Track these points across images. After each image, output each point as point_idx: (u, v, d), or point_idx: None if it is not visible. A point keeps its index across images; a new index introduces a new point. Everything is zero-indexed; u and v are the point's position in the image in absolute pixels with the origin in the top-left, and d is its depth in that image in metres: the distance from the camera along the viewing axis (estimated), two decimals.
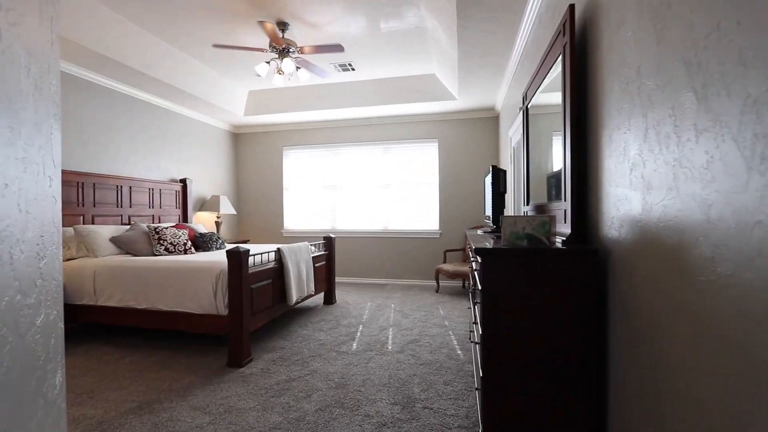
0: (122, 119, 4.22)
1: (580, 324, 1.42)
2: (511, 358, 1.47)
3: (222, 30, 3.61)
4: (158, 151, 4.71)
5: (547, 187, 2.43)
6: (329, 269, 4.47)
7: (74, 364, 2.70)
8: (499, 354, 1.48)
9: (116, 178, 4.02)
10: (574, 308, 1.43)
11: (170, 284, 2.92)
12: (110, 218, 3.96)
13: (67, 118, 3.63)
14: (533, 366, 1.45)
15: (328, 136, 6.00)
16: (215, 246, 4.01)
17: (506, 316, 1.49)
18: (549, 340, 1.44)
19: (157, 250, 3.49)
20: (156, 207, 4.55)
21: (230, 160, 6.15)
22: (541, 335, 1.45)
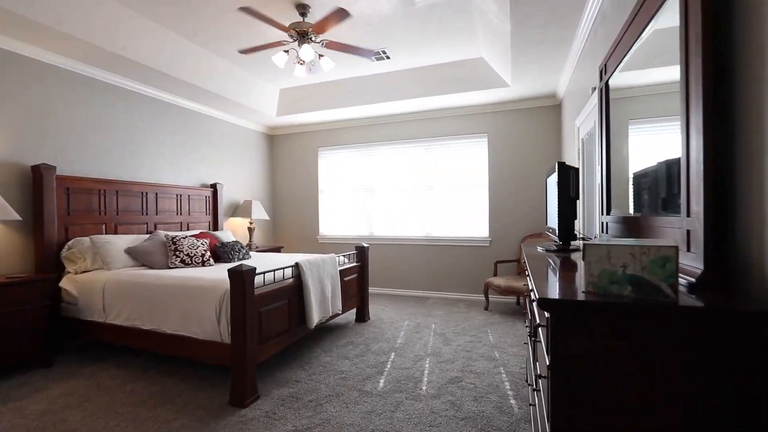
0: (148, 123, 4.06)
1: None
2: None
3: (243, 19, 3.26)
4: (187, 156, 4.53)
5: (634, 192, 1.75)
6: (362, 283, 3.99)
7: (74, 389, 2.46)
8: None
9: (141, 184, 3.85)
10: (723, 413, 0.79)
11: (175, 304, 2.59)
12: (135, 226, 3.79)
13: (88, 124, 3.49)
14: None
15: (363, 135, 5.53)
16: (237, 256, 3.69)
17: (592, 413, 0.88)
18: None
19: (172, 263, 3.22)
20: (185, 214, 4.36)
21: (265, 163, 5.91)
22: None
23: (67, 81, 3.33)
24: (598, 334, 0.88)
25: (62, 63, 3.26)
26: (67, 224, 3.23)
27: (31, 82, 3.08)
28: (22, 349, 2.69)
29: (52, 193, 3.08)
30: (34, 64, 3.10)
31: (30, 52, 3.04)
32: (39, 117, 3.13)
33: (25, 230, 3.04)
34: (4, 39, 2.87)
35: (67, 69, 3.31)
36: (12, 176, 2.97)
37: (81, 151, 3.43)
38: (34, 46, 3.03)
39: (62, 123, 3.29)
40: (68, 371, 2.76)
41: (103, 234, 3.48)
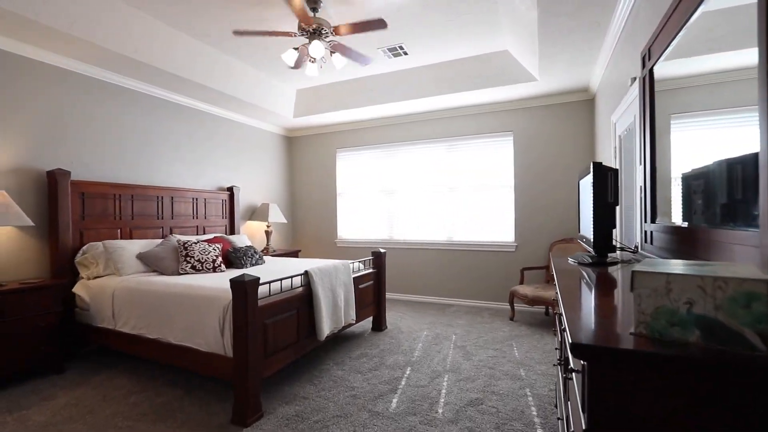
0: (165, 126, 4.04)
1: None
2: None
3: (251, 16, 3.16)
4: (205, 159, 4.50)
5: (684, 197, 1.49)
6: (378, 291, 3.81)
7: (79, 399, 2.40)
8: None
9: (156, 188, 3.82)
10: None
11: (180, 313, 2.50)
12: (150, 231, 3.77)
13: (104, 128, 3.48)
14: None
15: (382, 135, 5.35)
16: (250, 262, 3.60)
17: None
18: None
19: (183, 269, 3.15)
20: (201, 217, 4.32)
21: (283, 165, 5.84)
22: None
23: (83, 85, 3.33)
24: (651, 396, 0.66)
25: (77, 67, 3.26)
26: (81, 229, 3.22)
27: (46, 87, 3.09)
28: (35, 355, 2.68)
29: (66, 198, 3.07)
30: (49, 69, 3.11)
31: (44, 57, 3.05)
32: (54, 122, 3.14)
33: (40, 235, 3.04)
34: (18, 44, 2.88)
35: (81, 73, 3.31)
36: (28, 182, 2.98)
37: (96, 156, 3.43)
38: (48, 51, 3.04)
39: (78, 128, 3.30)
40: (78, 379, 2.72)
41: (118, 239, 3.47)
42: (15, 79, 2.91)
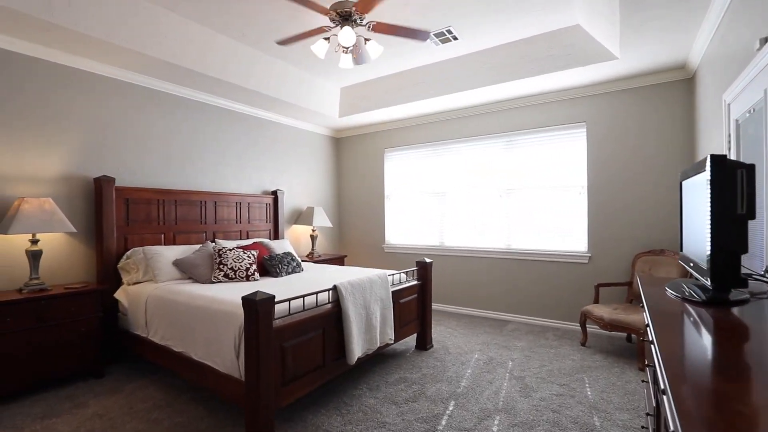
0: (210, 131, 4.04)
1: None
2: None
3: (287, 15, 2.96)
4: (249, 163, 4.45)
5: None
6: (423, 305, 3.41)
7: (107, 410, 2.35)
8: None
9: (200, 193, 3.81)
10: None
11: (201, 327, 2.34)
12: (193, 236, 3.76)
13: (149, 135, 3.52)
14: None
15: (433, 132, 4.93)
16: (286, 270, 3.41)
17: None
18: None
19: (216, 277, 3.04)
20: (244, 222, 4.27)
21: (330, 167, 5.67)
22: None
23: (128, 93, 3.39)
24: None
25: (122, 76, 3.32)
26: (126, 234, 3.26)
27: (93, 96, 3.17)
28: (77, 359, 2.71)
29: (111, 204, 3.12)
30: (97, 79, 3.19)
31: (92, 67, 3.13)
32: (101, 130, 3.22)
33: (87, 241, 3.12)
34: (66, 56, 2.96)
35: (127, 81, 3.37)
36: (77, 188, 3.07)
37: (141, 162, 3.47)
38: (94, 61, 3.10)
39: (123, 135, 3.35)
40: (113, 385, 2.71)
41: (162, 244, 3.49)
42: (64, 89, 3.00)
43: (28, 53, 2.80)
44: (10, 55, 2.74)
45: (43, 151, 2.89)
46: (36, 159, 2.86)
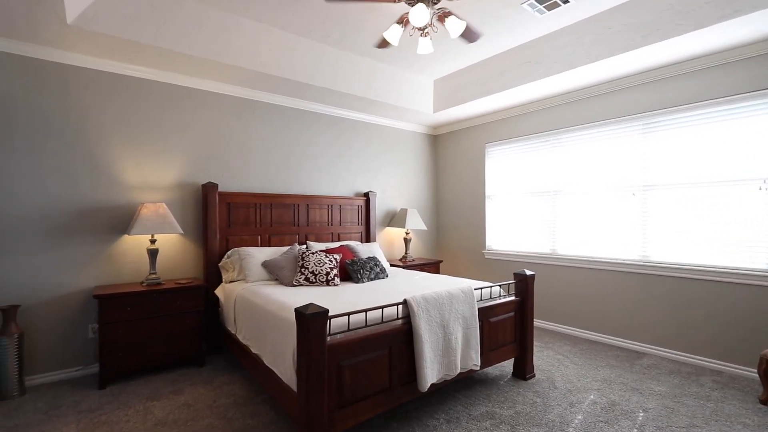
0: (304, 136, 4.16)
1: None
2: None
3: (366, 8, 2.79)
4: (341, 165, 4.46)
5: None
6: (522, 326, 2.87)
7: (196, 400, 2.50)
8: None
9: (293, 196, 3.95)
10: None
11: (270, 333, 2.31)
12: (287, 237, 3.91)
13: (249, 142, 3.77)
14: None
15: (543, 121, 4.21)
16: (368, 276, 3.25)
17: None
18: None
19: (297, 280, 3.05)
20: (336, 224, 4.29)
21: (425, 167, 5.37)
22: None
23: (229, 106, 3.67)
24: None
25: (222, 89, 3.61)
26: (227, 236, 3.54)
27: (200, 111, 3.51)
28: (183, 348, 3.01)
29: (215, 207, 3.41)
30: (201, 95, 3.52)
31: (195, 83, 3.46)
32: (207, 141, 3.55)
33: (196, 241, 3.47)
34: (176, 76, 3.33)
35: (227, 95, 3.65)
36: (188, 194, 3.44)
37: (242, 168, 3.74)
38: (197, 78, 3.43)
39: (226, 144, 3.65)
40: (208, 377, 2.92)
41: (258, 245, 3.70)
42: (177, 106, 3.39)
43: (143, 76, 3.23)
44: (128, 80, 3.19)
45: (160, 162, 3.31)
46: (154, 170, 3.28)
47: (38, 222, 2.81)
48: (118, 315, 2.75)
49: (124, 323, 2.78)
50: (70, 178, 2.93)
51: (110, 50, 2.85)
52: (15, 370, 2.59)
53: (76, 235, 2.94)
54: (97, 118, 3.03)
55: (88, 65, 2.98)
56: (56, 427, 2.23)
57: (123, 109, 3.13)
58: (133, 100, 3.17)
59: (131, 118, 3.17)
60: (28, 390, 2.70)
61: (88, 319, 2.97)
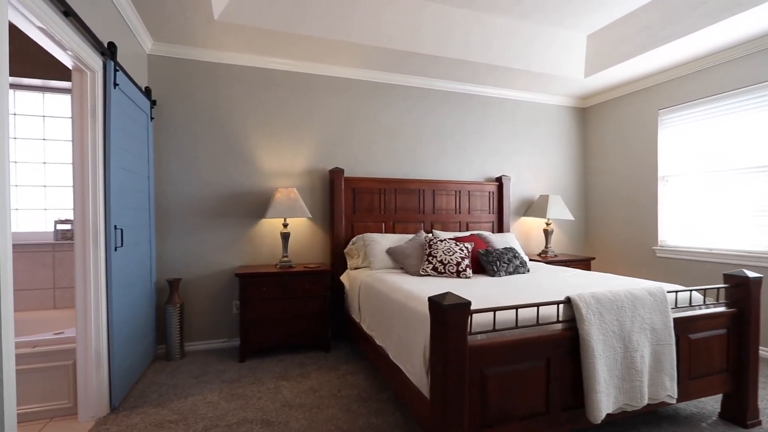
0: (431, 118, 3.85)
1: None
2: None
3: None
4: (471, 147, 4.01)
5: None
6: (740, 347, 2.01)
7: (321, 385, 2.41)
8: None
9: (417, 181, 3.67)
10: None
11: (395, 325, 2.05)
12: (411, 225, 3.66)
13: (375, 126, 3.63)
14: None
15: (748, 71, 3.03)
16: (505, 269, 2.75)
17: None
18: None
19: (424, 269, 2.74)
20: (464, 212, 3.87)
21: (571, 146, 4.51)
22: None
23: (356, 90, 3.58)
24: None
25: (348, 74, 3.53)
26: (352, 222, 3.46)
27: (329, 98, 3.50)
28: (310, 331, 3.01)
29: (341, 193, 3.36)
30: (329, 82, 3.50)
31: (323, 70, 3.45)
32: (335, 126, 3.52)
33: (324, 226, 3.48)
34: (304, 64, 3.36)
35: (354, 79, 3.56)
36: (317, 180, 3.46)
37: (367, 154, 3.62)
38: (324, 64, 3.40)
39: (352, 129, 3.57)
40: (333, 363, 2.83)
41: (382, 232, 3.53)
42: (307, 95, 3.43)
43: (278, 68, 3.33)
44: (266, 73, 3.32)
45: (292, 150, 3.39)
46: (287, 157, 3.38)
47: (195, 206, 3.13)
48: (255, 293, 2.87)
49: (260, 302, 2.88)
50: (220, 167, 3.19)
51: (250, 43, 2.99)
52: (177, 336, 2.90)
53: (225, 218, 3.20)
54: (241, 111, 3.24)
55: (233, 61, 3.20)
56: (203, 392, 2.37)
57: (261, 102, 3.30)
58: (270, 93, 3.32)
59: (268, 110, 3.31)
60: (187, 354, 3.02)
61: (233, 296, 3.20)
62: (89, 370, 2.05)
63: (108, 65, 2.15)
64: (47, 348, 2.08)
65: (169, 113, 3.08)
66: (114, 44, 2.18)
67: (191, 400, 2.27)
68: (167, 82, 3.07)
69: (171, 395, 2.34)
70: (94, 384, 2.06)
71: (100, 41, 2.03)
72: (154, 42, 2.99)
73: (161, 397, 2.31)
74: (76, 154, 2.06)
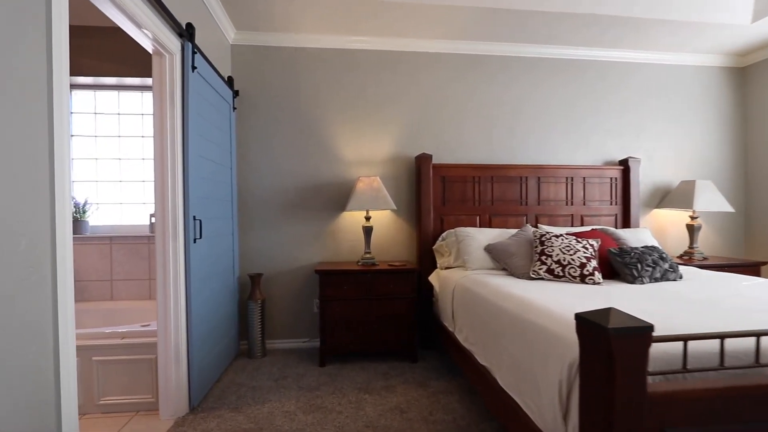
0: (535, 92, 3.24)
1: None
2: None
3: None
4: (585, 125, 3.30)
5: None
6: None
7: (409, 404, 2.04)
8: None
9: (519, 167, 3.10)
10: None
11: (507, 342, 1.58)
12: (511, 219, 3.10)
13: (467, 106, 3.16)
14: None
15: None
16: (650, 274, 2.07)
17: None
18: None
19: (535, 272, 2.19)
20: (577, 203, 3.18)
21: (725, 118, 3.48)
22: None
23: (445, 66, 3.14)
24: None
25: (436, 48, 3.10)
26: (442, 215, 3.03)
27: (414, 76, 3.11)
28: (394, 337, 2.66)
29: (428, 182, 2.95)
30: (414, 58, 3.11)
31: (406, 45, 3.06)
32: (421, 108, 3.12)
33: (408, 219, 3.11)
34: (387, 40, 3.01)
35: (442, 53, 3.12)
36: (401, 168, 3.11)
37: (458, 137, 3.16)
38: (409, 38, 3.01)
39: (441, 110, 3.14)
40: (421, 377, 2.44)
41: (477, 227, 3.04)
42: (389, 75, 3.09)
43: (358, 47, 3.03)
44: (345, 54, 3.05)
45: (374, 136, 3.08)
46: (369, 144, 3.07)
47: (276, 199, 2.99)
48: (335, 292, 2.61)
49: (341, 302, 2.61)
50: (300, 157, 3.01)
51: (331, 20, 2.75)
52: (259, 333, 2.78)
53: (305, 211, 3.02)
54: (321, 97, 3.03)
55: (314, 44, 3.00)
56: (281, 399, 2.16)
57: (342, 86, 3.05)
58: (351, 75, 3.05)
59: (349, 94, 3.05)
60: (268, 352, 2.89)
61: (313, 294, 3.01)
62: (169, 366, 1.95)
63: (186, 47, 2.03)
64: (133, 340, 2.04)
65: (251, 104, 2.98)
66: (192, 25, 2.07)
67: (268, 407, 2.07)
68: (249, 71, 2.98)
69: (249, 398, 2.17)
70: (174, 381, 1.96)
71: (178, 22, 1.91)
72: (236, 31, 2.92)
73: (239, 400, 2.15)
74: (156, 143, 1.98)
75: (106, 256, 2.82)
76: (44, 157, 1.11)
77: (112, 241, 2.83)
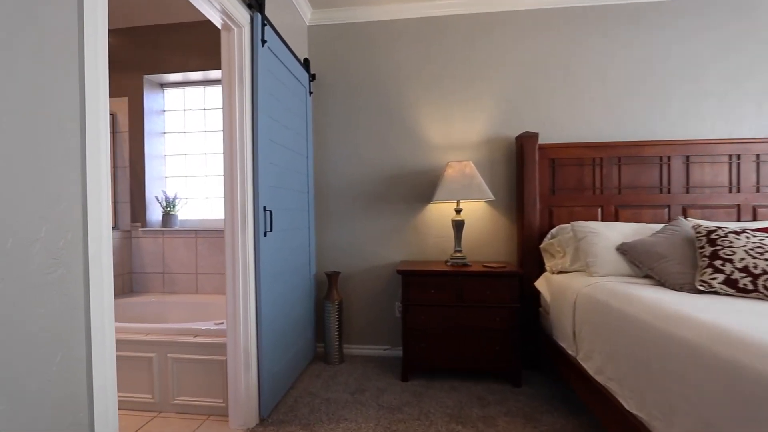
0: (673, 44, 2.48)
1: None
2: None
3: None
4: (751, 85, 2.43)
5: None
6: None
7: None
8: None
9: (657, 144, 2.39)
10: None
11: (683, 387, 1.03)
12: (645, 211, 2.40)
13: (579, 73, 2.53)
14: None
15: None
16: None
17: None
18: None
19: (704, 282, 1.54)
20: (744, 189, 2.35)
21: None
22: None
23: (552, 25, 2.56)
24: None
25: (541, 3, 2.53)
26: (550, 206, 2.46)
27: (512, 41, 2.58)
28: (491, 353, 2.19)
29: (533, 166, 2.41)
30: (516, 19, 2.58)
31: (507, 4, 2.55)
32: (523, 80, 2.58)
33: (507, 212, 2.60)
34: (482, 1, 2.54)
35: (550, 8, 2.54)
36: (498, 151, 2.61)
37: (573, 110, 2.55)
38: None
39: (547, 80, 2.56)
40: (529, 408, 1.93)
41: (598, 220, 2.42)
42: (485, 41, 2.60)
43: (446, 13, 2.60)
44: (431, 22, 2.64)
45: (465, 115, 2.63)
46: (459, 124, 2.63)
47: (354, 189, 2.73)
48: (420, 296, 2.24)
49: (427, 307, 2.23)
50: (381, 143, 2.70)
51: None
52: (336, 337, 2.53)
53: (386, 203, 2.70)
54: (403, 75, 2.68)
55: (395, 16, 2.66)
56: (357, 418, 1.85)
57: (428, 60, 2.66)
58: (437, 47, 2.65)
59: (435, 69, 2.65)
60: (345, 359, 2.63)
61: (395, 296, 2.67)
62: (238, 371, 1.77)
63: (255, 19, 1.84)
64: (205, 339, 1.91)
65: (328, 87, 2.76)
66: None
67: (342, 427, 1.78)
68: (326, 53, 2.76)
69: (322, 413, 1.91)
70: (243, 387, 1.77)
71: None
72: (313, 10, 2.72)
73: (312, 414, 1.90)
74: (225, 124, 1.81)
75: (192, 250, 2.84)
76: (75, 129, 0.92)
77: (198, 235, 2.84)
